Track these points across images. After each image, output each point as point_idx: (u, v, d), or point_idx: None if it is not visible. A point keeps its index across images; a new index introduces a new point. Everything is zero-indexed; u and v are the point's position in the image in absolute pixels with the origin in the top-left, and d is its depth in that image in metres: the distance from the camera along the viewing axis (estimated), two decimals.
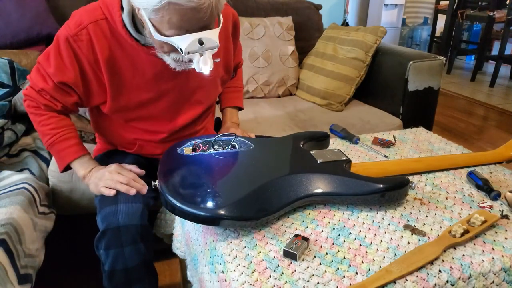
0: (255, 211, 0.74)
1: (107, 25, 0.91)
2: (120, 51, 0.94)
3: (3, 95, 1.41)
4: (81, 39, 0.90)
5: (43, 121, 0.99)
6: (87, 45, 0.91)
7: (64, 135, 1.00)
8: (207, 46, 0.81)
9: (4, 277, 0.88)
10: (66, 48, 0.91)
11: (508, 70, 4.33)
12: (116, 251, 0.91)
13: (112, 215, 0.92)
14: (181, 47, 0.80)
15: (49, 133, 0.99)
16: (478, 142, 2.68)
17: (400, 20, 3.85)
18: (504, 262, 0.69)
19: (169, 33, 0.80)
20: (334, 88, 1.86)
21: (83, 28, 0.90)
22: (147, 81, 0.99)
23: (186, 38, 0.79)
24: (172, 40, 0.80)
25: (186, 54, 0.81)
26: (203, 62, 0.83)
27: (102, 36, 0.91)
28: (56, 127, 0.99)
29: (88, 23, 0.90)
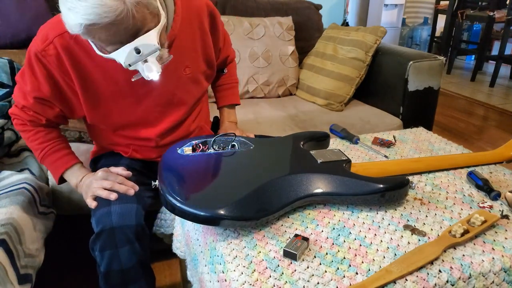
0: (255, 211, 0.74)
1: (72, 37, 0.88)
2: (89, 61, 0.92)
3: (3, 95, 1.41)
4: (49, 54, 0.89)
5: (31, 136, 1.01)
6: (56, 59, 0.90)
7: (53, 147, 1.02)
8: (146, 53, 0.78)
9: (4, 277, 0.88)
10: (37, 64, 0.91)
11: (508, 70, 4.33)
12: (111, 252, 0.90)
13: (105, 217, 0.92)
14: (121, 62, 0.78)
15: (38, 147, 1.01)
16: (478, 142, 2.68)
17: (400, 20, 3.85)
18: (504, 262, 0.69)
19: (109, 49, 0.79)
20: (334, 88, 1.86)
21: (49, 43, 0.89)
22: (121, 88, 0.97)
23: (122, 52, 0.77)
24: (111, 56, 0.79)
25: (129, 67, 0.79)
26: (148, 70, 0.80)
27: (69, 48, 0.90)
28: (43, 141, 1.01)
29: (54, 37, 0.88)
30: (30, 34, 1.67)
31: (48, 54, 0.89)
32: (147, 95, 1.00)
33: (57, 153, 1.02)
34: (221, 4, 2.03)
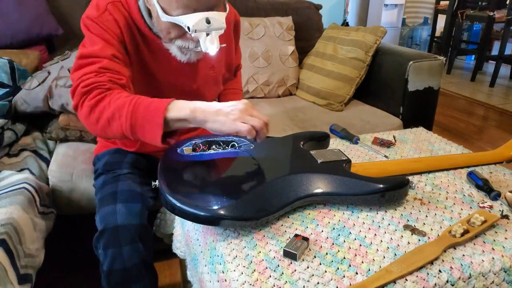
0: (255, 211, 0.74)
1: (123, 8, 0.92)
2: (139, 35, 0.95)
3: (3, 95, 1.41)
4: (105, 19, 0.90)
5: (114, 95, 0.83)
6: (113, 24, 0.91)
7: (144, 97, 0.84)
8: (214, 26, 0.82)
9: (4, 277, 0.88)
10: (97, 28, 0.89)
11: (508, 70, 4.33)
12: (114, 250, 0.91)
13: (110, 215, 0.92)
14: (188, 25, 0.81)
15: (126, 100, 0.81)
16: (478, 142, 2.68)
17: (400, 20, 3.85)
18: (504, 262, 0.69)
19: (176, 12, 0.81)
20: (334, 88, 1.86)
21: (104, 10, 0.90)
22: (161, 69, 1.00)
23: (194, 17, 0.80)
24: (179, 19, 0.81)
25: (193, 33, 0.81)
26: (210, 41, 0.84)
27: (122, 16, 0.92)
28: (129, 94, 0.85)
29: (107, 3, 0.91)
30: (30, 34, 1.67)
31: (105, 20, 0.90)
32: (176, 85, 1.03)
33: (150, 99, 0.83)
34: None
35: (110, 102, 0.81)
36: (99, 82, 0.83)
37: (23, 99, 1.41)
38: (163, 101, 0.80)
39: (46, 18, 1.71)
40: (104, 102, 0.82)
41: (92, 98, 0.82)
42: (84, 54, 0.87)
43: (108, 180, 1.03)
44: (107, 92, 0.83)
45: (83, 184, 1.29)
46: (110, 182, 1.01)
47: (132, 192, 0.98)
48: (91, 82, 0.83)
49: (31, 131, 1.48)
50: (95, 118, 0.83)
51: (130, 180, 1.02)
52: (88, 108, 0.82)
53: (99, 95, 0.82)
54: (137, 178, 1.04)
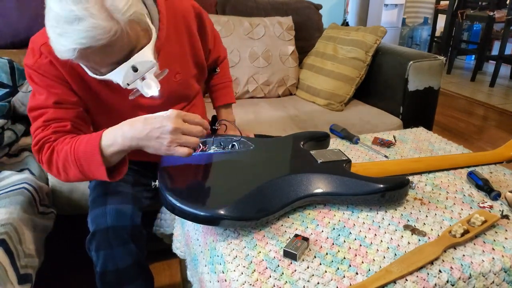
0: (255, 211, 0.74)
1: None
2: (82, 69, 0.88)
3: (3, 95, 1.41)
4: (42, 63, 0.86)
5: (59, 146, 0.85)
6: (49, 67, 0.87)
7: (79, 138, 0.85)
8: (144, 70, 0.77)
9: (4, 277, 0.88)
10: (37, 77, 0.87)
11: (508, 70, 4.33)
12: (106, 252, 0.90)
13: (100, 217, 0.92)
14: (118, 82, 0.77)
15: (67, 148, 0.84)
16: (478, 142, 2.68)
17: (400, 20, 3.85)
18: (504, 262, 0.69)
19: (103, 70, 0.77)
20: (334, 88, 1.86)
21: (39, 55, 0.86)
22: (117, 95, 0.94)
23: (119, 72, 0.75)
24: (108, 77, 0.77)
25: (127, 86, 0.77)
26: (147, 87, 0.79)
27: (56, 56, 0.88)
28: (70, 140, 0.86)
29: (40, 46, 0.86)
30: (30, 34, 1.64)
31: (41, 64, 0.86)
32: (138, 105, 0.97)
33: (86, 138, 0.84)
34: (221, 4, 2.03)
35: (58, 154, 0.85)
36: (45, 136, 0.86)
37: (21, 102, 1.41)
38: (96, 137, 0.81)
39: None
40: (54, 156, 0.85)
41: (45, 154, 0.86)
42: (32, 107, 0.89)
43: (100, 182, 1.02)
44: (53, 143, 0.86)
45: (82, 184, 1.29)
46: (102, 184, 1.01)
47: (122, 193, 0.98)
48: (39, 138, 0.86)
49: None
50: (55, 171, 0.86)
51: (121, 181, 1.00)
52: (46, 165, 0.87)
53: (48, 149, 0.85)
54: (130, 178, 1.03)
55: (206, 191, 0.78)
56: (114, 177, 0.84)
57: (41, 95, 0.88)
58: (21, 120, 1.45)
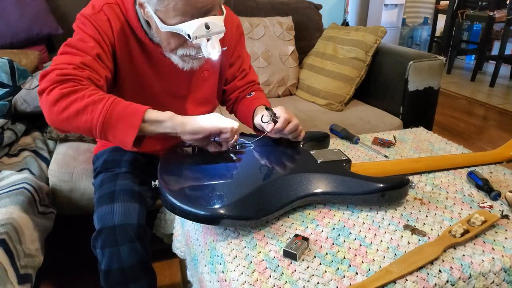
0: (255, 211, 0.74)
1: (120, 10, 0.93)
2: (133, 39, 0.96)
3: (3, 95, 1.41)
4: (100, 18, 0.91)
5: (92, 90, 0.82)
6: (106, 24, 0.92)
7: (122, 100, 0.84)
8: (214, 31, 0.83)
9: (4, 277, 0.88)
10: (89, 26, 0.91)
11: (508, 70, 4.33)
12: (111, 250, 0.91)
13: (108, 214, 0.92)
14: (188, 33, 0.81)
15: (104, 96, 0.81)
16: (478, 142, 2.68)
17: (400, 20, 3.85)
18: (504, 262, 0.69)
19: (174, 21, 0.81)
20: (334, 88, 1.86)
21: (99, 10, 0.92)
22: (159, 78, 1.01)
23: (193, 23, 0.81)
24: (178, 28, 0.81)
25: (194, 40, 0.81)
26: (211, 46, 0.84)
27: (117, 18, 0.93)
28: (110, 95, 0.84)
29: (103, 4, 0.92)
30: (30, 34, 1.67)
31: (98, 19, 0.91)
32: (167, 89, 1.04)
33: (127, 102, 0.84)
34: None
35: (85, 95, 0.80)
36: (77, 75, 0.82)
37: (23, 99, 1.41)
38: (140, 107, 0.83)
39: (46, 18, 1.71)
40: (77, 94, 0.80)
41: (66, 88, 0.80)
42: (72, 44, 0.87)
43: (107, 179, 1.03)
44: (83, 86, 0.82)
45: (83, 184, 1.29)
46: (109, 181, 1.01)
47: (130, 192, 0.98)
48: (68, 73, 0.82)
49: (31, 131, 1.48)
50: (63, 107, 0.80)
51: (128, 179, 1.02)
52: (58, 96, 0.80)
53: (74, 86, 0.81)
54: (136, 177, 1.04)
55: (206, 191, 0.78)
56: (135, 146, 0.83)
57: (87, 42, 0.89)
58: (21, 120, 1.45)
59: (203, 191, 0.78)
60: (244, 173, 0.84)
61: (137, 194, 0.98)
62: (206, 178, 0.83)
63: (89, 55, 0.87)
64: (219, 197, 0.75)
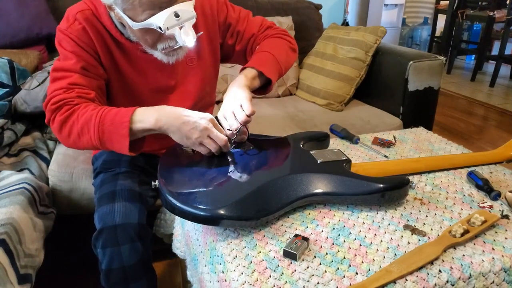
0: (255, 211, 0.74)
1: (93, 16, 0.93)
2: (111, 41, 0.96)
3: (3, 95, 1.41)
4: (75, 29, 0.92)
5: (82, 109, 0.87)
6: (83, 34, 0.92)
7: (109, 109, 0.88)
8: (184, 18, 0.82)
9: (4, 277, 0.88)
10: (67, 41, 0.92)
11: (508, 70, 4.33)
12: (112, 249, 0.91)
13: (108, 214, 0.92)
14: (159, 25, 0.81)
15: (92, 113, 0.86)
16: (478, 142, 2.68)
17: (400, 20, 3.85)
18: (504, 262, 0.69)
19: (144, 16, 0.81)
20: (334, 88, 1.86)
21: (73, 20, 0.92)
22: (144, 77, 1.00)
23: (161, 15, 0.80)
24: (149, 22, 0.81)
25: (166, 31, 0.81)
26: (185, 34, 0.84)
27: (93, 24, 0.93)
28: (96, 107, 0.88)
29: (76, 13, 0.92)
30: (30, 34, 1.67)
31: (74, 30, 0.91)
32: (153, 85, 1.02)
33: (115, 110, 0.87)
34: None
35: (78, 116, 0.86)
36: (67, 98, 0.88)
37: (23, 99, 1.41)
38: (128, 111, 0.86)
39: (46, 18, 1.71)
40: (73, 117, 0.87)
41: (62, 114, 0.87)
42: (57, 68, 0.92)
43: (107, 179, 1.03)
44: (75, 107, 0.87)
45: (83, 184, 1.29)
46: (109, 181, 1.02)
47: (131, 191, 0.98)
48: (60, 98, 0.88)
49: (31, 131, 1.48)
50: (66, 133, 0.88)
51: (129, 179, 1.02)
52: (59, 124, 0.88)
53: (68, 110, 0.87)
54: (136, 177, 1.04)
55: (206, 191, 0.78)
56: (132, 151, 0.87)
57: (69, 60, 0.91)
58: (21, 120, 1.45)
59: (203, 191, 0.78)
60: (244, 173, 0.84)
61: (137, 193, 0.98)
62: (206, 179, 0.83)
63: (74, 73, 0.90)
64: (219, 197, 0.75)
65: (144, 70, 1.01)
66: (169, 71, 1.03)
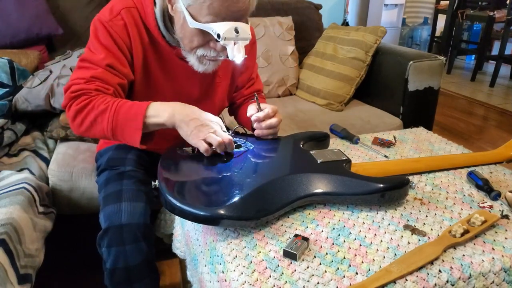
0: (255, 211, 0.74)
1: (138, 14, 0.94)
2: (149, 42, 0.97)
3: (3, 94, 1.41)
4: (116, 24, 0.92)
5: (99, 100, 0.89)
6: (123, 30, 0.93)
7: (125, 101, 0.91)
8: (242, 36, 0.85)
9: (4, 277, 0.88)
10: (104, 33, 0.93)
11: (508, 70, 4.33)
12: (117, 249, 0.91)
13: (114, 214, 0.92)
14: (218, 32, 0.82)
15: (108, 104, 0.89)
16: (478, 142, 2.68)
17: (400, 20, 3.85)
18: (504, 262, 0.69)
19: (206, 19, 0.83)
20: (334, 88, 1.86)
21: (117, 14, 0.93)
22: (172, 81, 1.02)
23: (224, 25, 0.82)
24: (209, 26, 0.83)
25: (223, 40, 0.83)
26: (237, 50, 0.86)
27: (136, 23, 0.94)
28: (113, 99, 0.91)
29: (121, 9, 0.93)
30: (30, 34, 1.67)
31: (115, 25, 0.92)
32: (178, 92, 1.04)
33: (130, 103, 0.90)
34: None
35: (94, 106, 0.89)
36: (87, 89, 0.91)
37: (24, 98, 1.40)
38: (143, 105, 0.89)
39: (46, 18, 1.71)
40: (89, 107, 0.90)
41: (79, 103, 0.90)
42: (84, 58, 0.94)
43: (112, 177, 1.02)
44: (92, 97, 0.90)
45: (83, 183, 1.29)
46: (114, 180, 1.01)
47: (137, 191, 0.98)
48: (79, 88, 0.91)
49: (31, 131, 1.48)
50: (80, 121, 0.91)
51: (134, 178, 1.02)
52: (75, 112, 0.91)
53: (85, 100, 0.90)
54: (141, 176, 1.04)
55: (206, 191, 0.78)
56: (142, 144, 0.90)
57: (99, 54, 0.93)
58: (21, 119, 1.45)
59: (203, 191, 0.78)
60: (244, 173, 0.84)
61: (143, 193, 0.99)
62: (206, 178, 0.83)
63: (99, 67, 0.92)
64: (219, 197, 0.75)
65: (173, 74, 1.02)
66: (197, 80, 1.05)
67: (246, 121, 1.13)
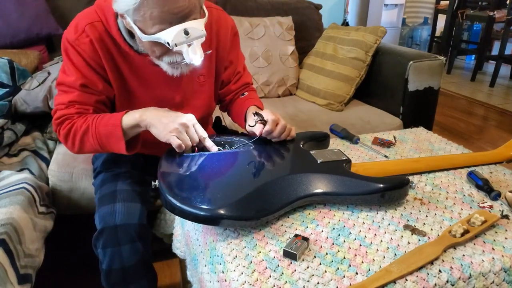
0: (255, 211, 0.74)
1: (103, 27, 0.93)
2: (118, 53, 0.96)
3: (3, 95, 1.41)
4: (82, 42, 0.92)
5: (80, 121, 0.94)
6: (90, 47, 0.92)
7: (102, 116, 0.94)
8: (194, 36, 0.82)
9: (4, 277, 0.88)
10: (73, 53, 0.93)
11: (508, 70, 4.33)
12: (113, 250, 0.91)
13: (109, 214, 0.92)
14: (167, 41, 0.81)
15: (88, 123, 0.93)
16: (478, 142, 2.68)
17: (400, 20, 3.85)
18: (504, 262, 0.69)
19: (153, 30, 0.81)
20: (334, 88, 1.86)
21: (82, 31, 0.92)
22: (149, 89, 1.00)
23: (171, 31, 0.80)
24: (157, 37, 0.81)
25: (174, 47, 0.81)
26: (193, 52, 0.84)
27: (101, 38, 0.93)
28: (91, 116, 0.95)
29: (85, 25, 0.92)
30: (30, 34, 1.67)
31: (81, 43, 0.92)
32: (159, 99, 1.02)
33: (107, 115, 0.94)
34: (221, 4, 2.03)
35: (77, 129, 0.94)
36: (68, 114, 0.95)
37: (23, 100, 1.40)
38: (118, 115, 0.92)
39: (46, 18, 1.71)
40: (73, 130, 0.94)
41: (64, 128, 0.95)
42: (60, 82, 0.97)
43: (107, 179, 1.03)
44: (74, 120, 0.95)
45: (83, 184, 1.29)
46: (109, 181, 1.02)
47: (131, 192, 0.98)
48: (61, 114, 0.95)
49: (31, 131, 1.48)
50: (71, 143, 0.97)
51: (129, 179, 1.02)
52: (63, 137, 0.96)
53: (68, 125, 0.95)
54: (136, 177, 1.04)
55: (206, 191, 0.78)
56: (130, 151, 0.94)
57: (70, 76, 0.94)
58: (21, 120, 1.45)
59: (203, 191, 0.78)
60: (244, 173, 0.84)
61: (138, 194, 0.98)
62: (206, 179, 0.83)
63: (75, 89, 0.95)
64: (219, 197, 0.75)
65: (150, 82, 1.01)
66: (175, 85, 1.03)
67: (239, 119, 1.13)
